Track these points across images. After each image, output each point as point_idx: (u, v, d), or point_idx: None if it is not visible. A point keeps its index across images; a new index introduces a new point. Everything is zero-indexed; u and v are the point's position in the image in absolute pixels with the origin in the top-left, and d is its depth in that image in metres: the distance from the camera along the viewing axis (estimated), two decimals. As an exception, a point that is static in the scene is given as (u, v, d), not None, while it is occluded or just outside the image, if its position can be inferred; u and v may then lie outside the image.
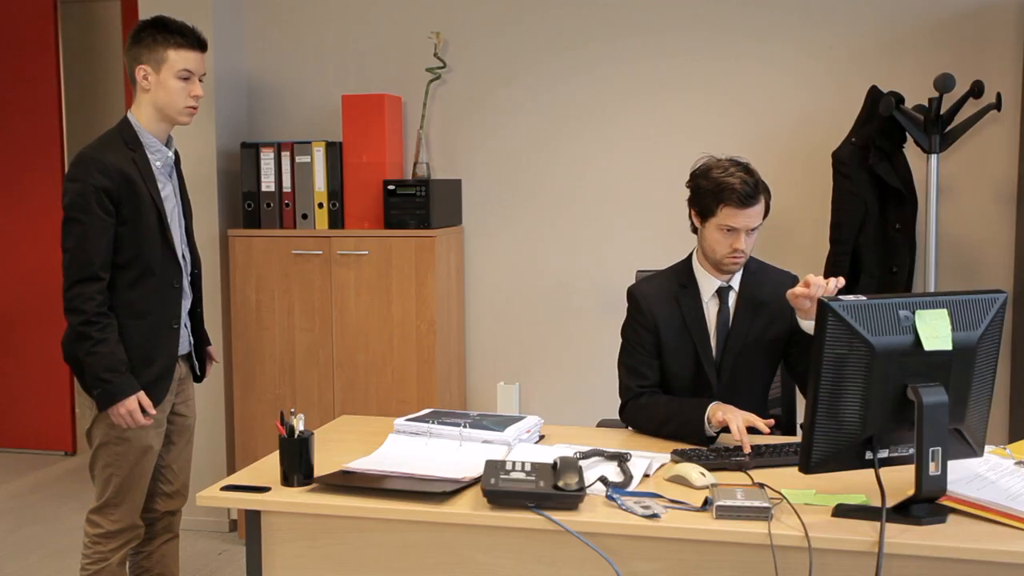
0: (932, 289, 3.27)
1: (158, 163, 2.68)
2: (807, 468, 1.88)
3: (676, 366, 2.58)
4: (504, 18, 3.90)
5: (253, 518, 2.08)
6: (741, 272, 2.59)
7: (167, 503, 2.87)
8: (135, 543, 2.79)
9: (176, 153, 2.84)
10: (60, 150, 5.07)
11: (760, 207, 2.47)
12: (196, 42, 2.68)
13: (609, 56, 3.80)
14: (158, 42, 2.63)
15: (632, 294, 2.66)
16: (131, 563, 2.87)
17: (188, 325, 2.82)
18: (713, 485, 2.00)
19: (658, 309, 2.59)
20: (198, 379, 2.93)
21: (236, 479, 2.18)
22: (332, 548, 2.04)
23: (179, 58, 2.63)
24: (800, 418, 2.87)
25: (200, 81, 2.70)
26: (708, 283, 2.58)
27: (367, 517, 2.02)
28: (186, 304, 2.79)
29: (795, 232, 3.67)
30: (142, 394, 2.61)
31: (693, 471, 2.08)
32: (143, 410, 2.60)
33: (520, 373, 4.00)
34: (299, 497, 2.05)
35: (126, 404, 2.57)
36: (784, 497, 1.96)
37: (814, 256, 3.51)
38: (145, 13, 3.84)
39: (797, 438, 2.53)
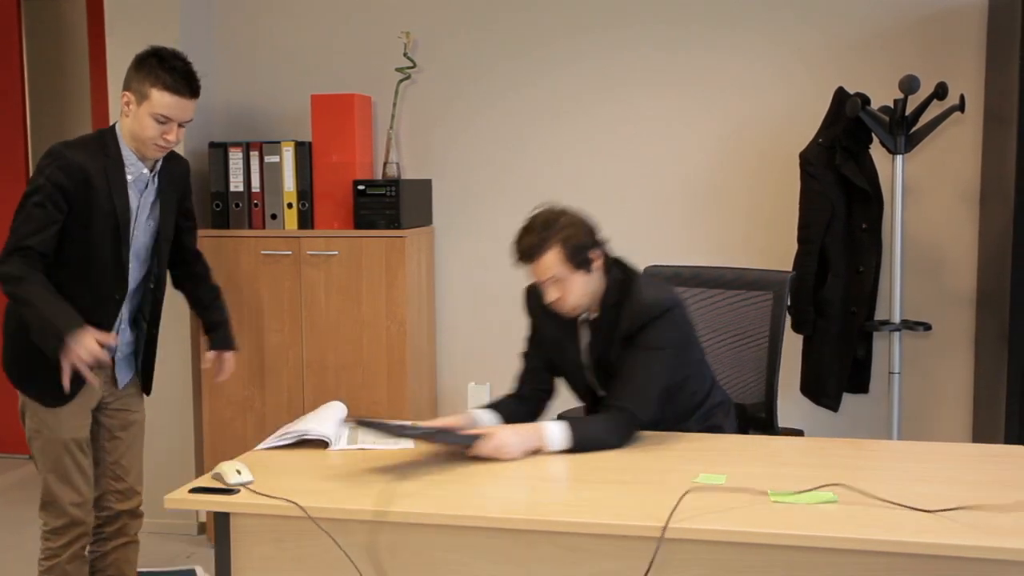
0: (897, 288, 3.31)
1: (130, 177, 2.64)
2: None
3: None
4: (474, 17, 3.90)
5: (222, 520, 2.06)
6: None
7: (121, 502, 2.84)
8: (84, 540, 2.74)
9: (181, 174, 2.82)
10: (24, 151, 5.00)
11: (543, 261, 2.43)
12: (186, 89, 2.55)
13: (579, 53, 3.81)
14: (148, 76, 2.53)
15: None
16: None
17: (122, 334, 2.73)
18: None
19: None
20: (147, 391, 2.88)
21: (204, 481, 2.16)
22: (302, 550, 2.02)
23: (161, 102, 2.53)
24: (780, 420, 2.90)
25: (181, 126, 2.59)
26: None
27: (337, 519, 2.01)
28: (123, 316, 2.72)
29: (764, 231, 3.70)
30: (91, 330, 2.49)
31: (231, 468, 2.10)
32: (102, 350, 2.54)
33: (491, 373, 3.99)
34: (269, 499, 2.04)
35: (81, 346, 2.45)
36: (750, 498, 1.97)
37: (782, 255, 3.54)
38: (111, 10, 3.81)
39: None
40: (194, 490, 2.10)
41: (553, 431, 2.33)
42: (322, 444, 2.40)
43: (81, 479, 2.72)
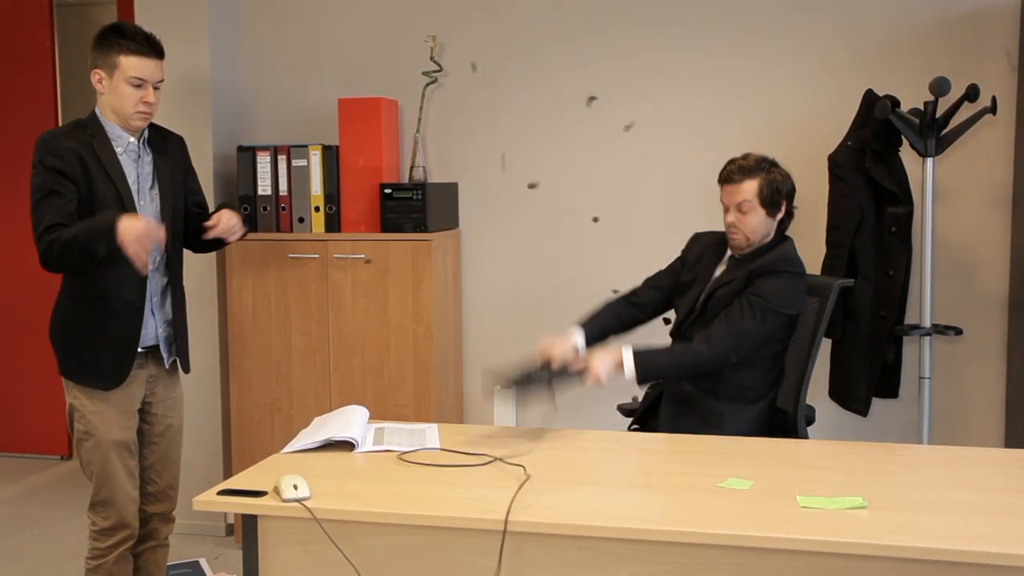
0: (928, 292, 3.27)
1: (119, 149, 2.71)
2: None
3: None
4: (500, 21, 3.90)
5: (249, 522, 2.08)
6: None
7: (153, 505, 2.88)
8: (131, 541, 2.78)
9: (176, 147, 2.88)
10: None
11: (743, 186, 2.78)
12: (150, 49, 2.69)
13: (605, 56, 3.81)
14: (112, 48, 2.66)
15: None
16: None
17: (156, 313, 2.79)
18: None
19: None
20: (185, 369, 2.91)
21: (232, 483, 2.18)
22: (328, 552, 2.03)
23: (130, 65, 2.66)
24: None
25: (156, 88, 2.71)
26: None
27: (363, 521, 2.01)
28: (155, 287, 2.78)
29: (792, 234, 3.66)
30: (138, 216, 2.56)
31: (288, 482, 2.07)
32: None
33: (517, 376, 3.99)
34: (292, 503, 2.05)
35: (132, 230, 2.47)
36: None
37: (811, 259, 3.50)
38: (141, 19, 3.85)
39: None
40: (222, 492, 2.12)
41: (628, 360, 2.64)
42: (348, 446, 2.41)
43: (129, 481, 2.76)
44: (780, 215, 2.83)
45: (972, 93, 3.17)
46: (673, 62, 3.75)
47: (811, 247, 3.55)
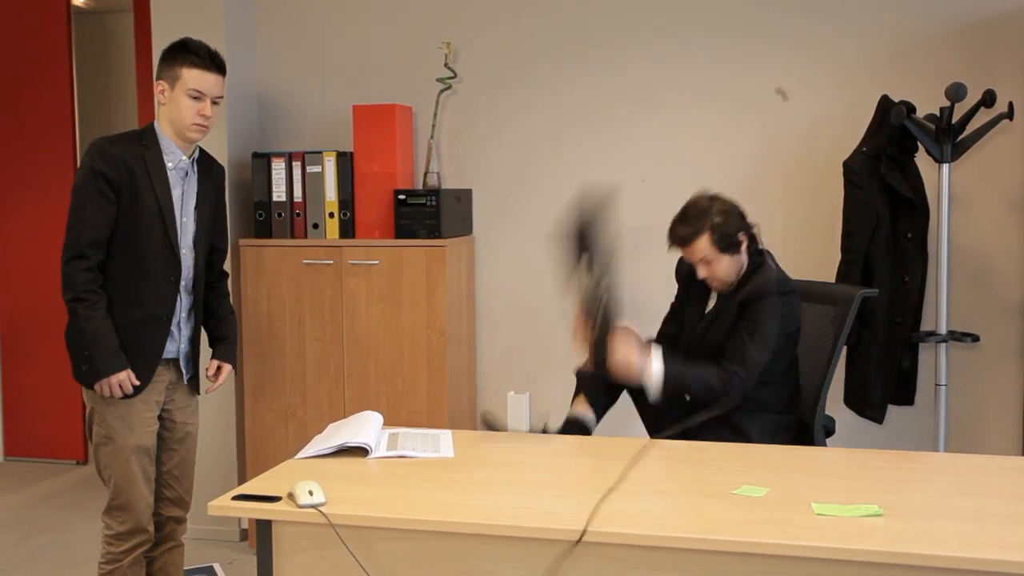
0: (944, 298, 3.26)
1: (170, 164, 2.76)
2: None
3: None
4: (514, 28, 3.91)
5: (264, 528, 2.08)
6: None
7: (170, 508, 2.92)
8: (146, 546, 2.82)
9: (218, 176, 2.94)
10: (73, 161, 5.10)
11: (695, 246, 2.76)
12: (212, 64, 2.76)
13: (619, 63, 3.81)
14: (176, 60, 2.75)
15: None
16: None
17: (183, 328, 2.84)
18: None
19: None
20: (195, 390, 2.95)
21: (247, 488, 2.18)
22: (343, 558, 2.03)
23: (191, 77, 2.73)
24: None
25: (215, 103, 2.77)
26: None
27: (378, 527, 2.02)
28: (183, 305, 2.82)
29: (806, 241, 3.66)
30: (129, 372, 2.68)
31: (303, 488, 2.06)
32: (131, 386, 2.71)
33: (531, 382, 3.99)
34: (306, 508, 2.05)
35: (110, 380, 2.66)
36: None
37: (825, 265, 3.50)
38: (157, 26, 3.87)
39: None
40: (236, 497, 2.12)
41: (656, 361, 2.65)
42: (362, 451, 2.42)
43: (146, 487, 2.80)
44: (744, 245, 2.80)
45: (988, 98, 3.15)
46: (688, 69, 3.75)
47: (826, 253, 3.54)
